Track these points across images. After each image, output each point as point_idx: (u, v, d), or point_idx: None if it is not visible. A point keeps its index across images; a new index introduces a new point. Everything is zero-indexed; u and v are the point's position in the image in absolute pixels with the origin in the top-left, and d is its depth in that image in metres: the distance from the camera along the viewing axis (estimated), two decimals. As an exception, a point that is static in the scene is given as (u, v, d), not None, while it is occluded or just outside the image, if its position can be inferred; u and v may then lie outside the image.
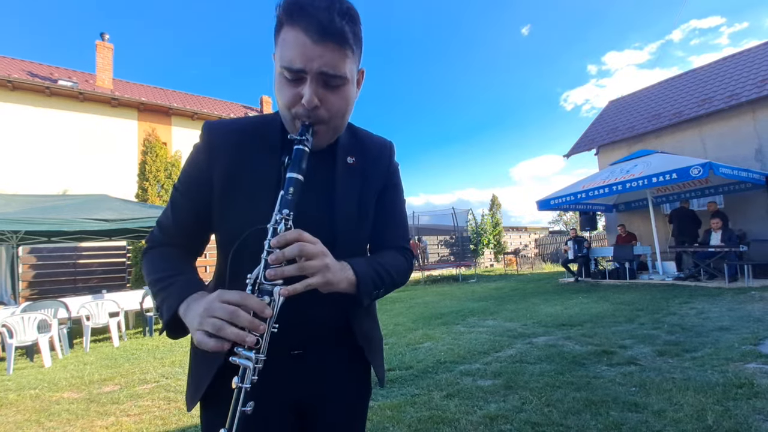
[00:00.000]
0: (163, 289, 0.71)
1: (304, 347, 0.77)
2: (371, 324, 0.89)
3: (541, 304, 6.65)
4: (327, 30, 0.64)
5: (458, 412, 2.54)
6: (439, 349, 4.14)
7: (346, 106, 0.73)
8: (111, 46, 13.88)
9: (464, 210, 14.96)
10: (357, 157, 0.82)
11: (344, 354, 0.83)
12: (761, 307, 4.97)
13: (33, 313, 4.84)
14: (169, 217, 0.80)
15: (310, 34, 0.64)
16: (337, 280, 0.66)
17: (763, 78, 9.10)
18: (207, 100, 16.53)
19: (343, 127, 0.77)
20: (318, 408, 0.81)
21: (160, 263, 0.77)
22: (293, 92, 0.68)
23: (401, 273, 0.83)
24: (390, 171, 0.88)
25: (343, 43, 0.66)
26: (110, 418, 2.89)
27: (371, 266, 0.75)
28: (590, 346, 3.79)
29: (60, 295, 7.39)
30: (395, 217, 0.89)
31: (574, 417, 2.33)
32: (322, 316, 0.77)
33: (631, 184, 7.95)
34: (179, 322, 0.67)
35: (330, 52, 0.65)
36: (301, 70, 0.65)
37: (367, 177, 0.83)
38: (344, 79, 0.69)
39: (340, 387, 0.83)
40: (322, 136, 0.73)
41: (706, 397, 2.43)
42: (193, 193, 0.77)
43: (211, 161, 0.74)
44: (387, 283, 0.77)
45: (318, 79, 0.67)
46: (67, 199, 7.53)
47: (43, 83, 11.23)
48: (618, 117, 12.66)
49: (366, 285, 0.71)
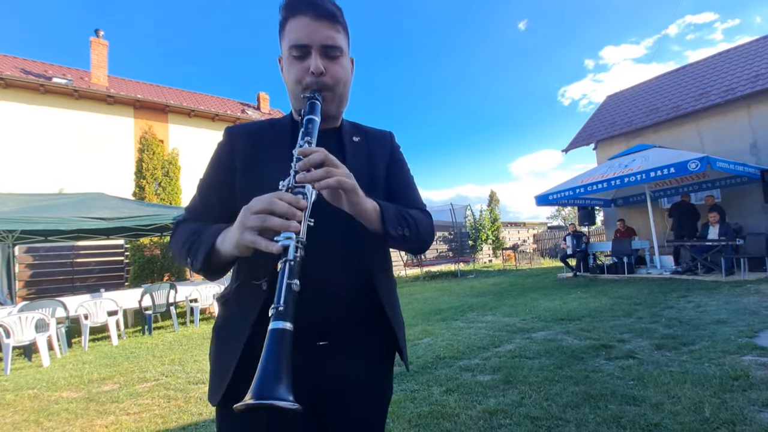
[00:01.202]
0: (197, 238, 0.75)
1: (334, 333, 0.79)
2: (396, 303, 0.90)
3: (539, 299, 6.68)
4: (322, 11, 0.79)
5: (458, 407, 2.55)
6: (439, 344, 4.15)
7: (345, 75, 0.85)
8: (106, 42, 13.76)
9: (463, 206, 14.95)
10: (361, 138, 0.93)
11: (374, 342, 0.85)
12: (757, 300, 5.01)
13: (30, 313, 4.82)
14: (196, 201, 0.88)
15: (310, 15, 0.78)
16: (362, 197, 0.71)
17: (756, 73, 9.12)
18: (204, 97, 16.43)
19: (345, 97, 0.87)
20: (340, 401, 0.81)
21: (188, 228, 0.81)
22: (301, 67, 0.80)
23: (424, 224, 0.87)
24: (393, 148, 0.97)
25: (335, 22, 0.81)
26: (110, 417, 2.89)
27: (394, 206, 0.81)
28: (589, 340, 3.81)
29: (57, 295, 7.38)
30: (407, 186, 0.96)
31: (572, 410, 2.35)
32: (352, 293, 0.80)
33: (629, 179, 7.97)
34: (216, 259, 0.71)
35: (327, 28, 0.80)
36: (307, 45, 0.79)
37: (372, 153, 0.91)
38: (341, 50, 0.82)
39: (364, 379, 0.84)
40: (329, 102, 0.83)
41: (703, 390, 2.45)
42: (218, 179, 0.85)
43: (233, 151, 0.85)
44: (411, 226, 0.81)
45: (321, 51, 0.80)
46: (63, 198, 7.49)
47: (37, 81, 11.12)
48: (616, 112, 12.66)
49: (390, 215, 0.76)
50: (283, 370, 0.51)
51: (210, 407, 2.90)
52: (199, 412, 2.84)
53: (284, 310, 0.55)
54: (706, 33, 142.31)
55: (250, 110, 16.99)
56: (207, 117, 14.48)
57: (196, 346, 5.05)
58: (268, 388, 0.48)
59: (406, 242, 0.80)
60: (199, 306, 6.87)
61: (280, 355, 0.52)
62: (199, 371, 3.85)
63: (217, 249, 0.70)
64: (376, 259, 0.86)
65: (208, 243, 0.71)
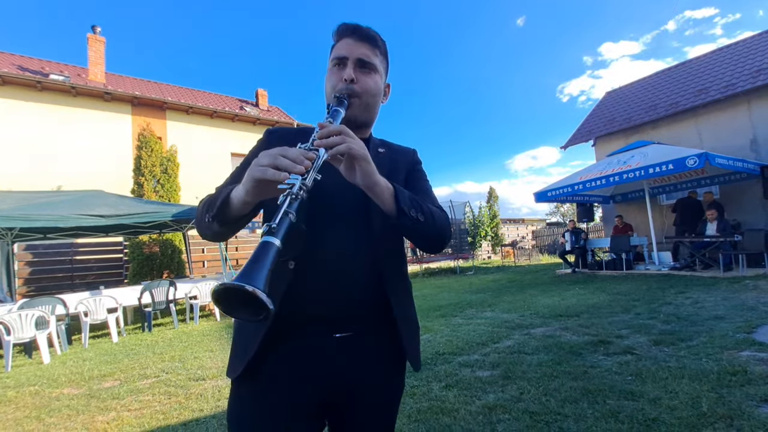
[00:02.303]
0: (215, 197, 0.79)
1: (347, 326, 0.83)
2: (408, 303, 0.94)
3: (538, 295, 6.70)
4: (363, 35, 0.92)
5: (457, 402, 2.57)
6: (438, 340, 4.17)
7: (375, 88, 0.93)
8: (103, 39, 13.66)
9: (462, 202, 14.96)
10: (386, 150, 1.00)
11: (382, 337, 0.87)
12: (755, 296, 5.03)
13: (30, 310, 4.83)
14: (226, 181, 0.90)
15: (353, 38, 0.92)
16: (374, 169, 0.74)
17: (758, 69, 9.09)
18: (202, 94, 16.34)
19: (372, 108, 0.95)
20: (354, 393, 0.84)
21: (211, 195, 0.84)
22: (338, 76, 0.90)
23: (440, 216, 0.88)
24: (415, 161, 1.06)
25: (374, 45, 0.93)
26: (111, 413, 2.90)
27: (408, 192, 0.83)
28: (587, 336, 3.83)
29: (57, 292, 7.37)
30: (425, 194, 0.99)
31: (571, 406, 2.36)
32: (360, 296, 0.83)
33: (627, 175, 7.97)
34: (230, 214, 0.75)
35: (365, 48, 0.92)
36: (345, 56, 0.90)
37: (395, 163, 0.98)
38: (375, 67, 0.93)
39: (377, 373, 0.87)
40: (356, 108, 0.90)
41: (701, 385, 2.47)
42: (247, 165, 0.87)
43: (264, 146, 0.91)
44: (426, 213, 0.82)
45: (356, 63, 0.90)
46: (62, 195, 7.47)
47: (34, 77, 11.04)
48: (615, 108, 12.64)
49: (404, 197, 0.78)
50: (264, 271, 0.54)
51: (210, 403, 2.92)
52: (200, 408, 2.85)
53: (276, 228, 0.59)
54: (705, 28, 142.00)
55: (249, 107, 16.91)
56: (205, 114, 14.41)
57: (196, 343, 5.06)
58: (247, 278, 0.51)
59: (419, 229, 0.81)
60: (198, 303, 6.88)
61: (265, 260, 0.55)
62: (199, 368, 3.87)
63: (231, 198, 0.74)
64: (389, 257, 0.90)
65: (224, 195, 0.75)
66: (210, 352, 4.48)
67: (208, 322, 6.76)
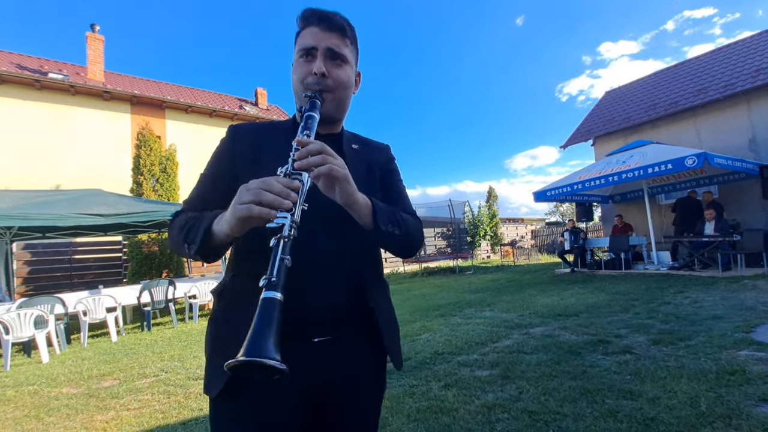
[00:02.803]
0: (194, 224, 0.76)
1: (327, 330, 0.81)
2: (387, 304, 0.93)
3: (537, 294, 6.70)
4: (332, 24, 0.86)
5: (456, 401, 2.57)
6: (437, 340, 4.17)
7: (348, 81, 0.89)
8: (102, 37, 13.62)
9: (461, 202, 14.96)
10: (360, 147, 0.97)
11: (363, 339, 0.86)
12: (753, 296, 5.04)
13: (29, 309, 4.82)
14: (195, 194, 0.89)
15: (320, 26, 0.86)
16: (354, 188, 0.74)
17: (757, 68, 9.10)
18: (201, 93, 16.32)
19: (345, 102, 0.92)
20: (335, 398, 0.83)
21: (186, 217, 0.82)
22: (306, 68, 0.86)
23: (415, 226, 0.91)
24: (389, 158, 1.03)
25: (343, 34, 0.88)
26: (110, 412, 2.90)
27: (386, 205, 0.85)
28: (586, 335, 3.83)
29: (56, 291, 7.36)
30: (399, 195, 1.00)
31: (570, 405, 2.37)
32: (340, 299, 0.82)
33: (626, 175, 7.97)
34: (212, 240, 0.73)
35: (334, 37, 0.86)
36: (313, 47, 0.85)
37: (370, 160, 0.96)
38: (346, 58, 0.88)
39: (358, 376, 0.85)
40: (329, 104, 0.87)
41: (700, 384, 2.47)
42: (219, 173, 0.88)
43: (235, 147, 0.88)
44: (401, 226, 0.84)
45: (326, 54, 0.85)
46: (60, 195, 7.46)
47: (33, 76, 11.01)
48: (614, 108, 12.65)
49: (381, 211, 0.79)
50: (273, 334, 0.53)
51: (210, 403, 2.92)
52: (200, 407, 2.85)
53: (276, 281, 0.58)
54: (704, 28, 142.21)
55: (248, 106, 16.89)
56: (204, 113, 14.40)
57: (196, 343, 5.06)
58: (258, 348, 0.51)
59: (395, 240, 0.83)
60: (197, 302, 6.87)
61: (271, 320, 0.55)
62: (198, 367, 3.86)
63: (213, 231, 0.72)
64: (367, 262, 0.90)
65: (205, 225, 0.73)
66: (209, 352, 4.47)
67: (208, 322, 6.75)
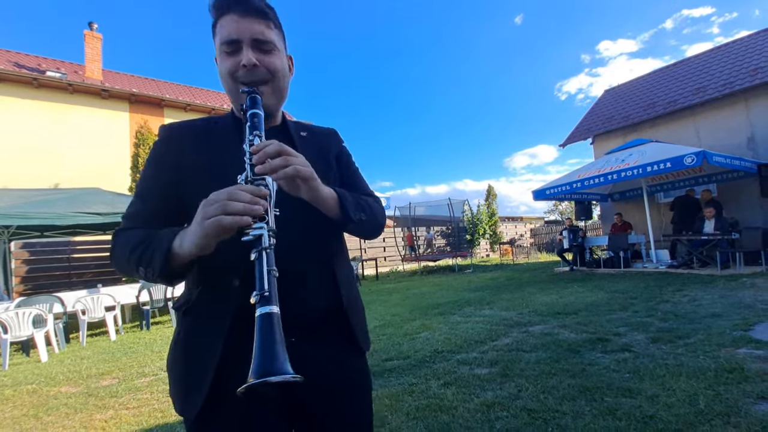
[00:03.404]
0: (147, 245, 0.69)
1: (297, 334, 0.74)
2: (354, 291, 0.91)
3: (536, 293, 6.71)
4: (250, 8, 0.79)
5: (455, 400, 2.57)
6: (436, 338, 4.17)
7: (282, 67, 0.84)
8: (100, 36, 13.57)
9: (460, 200, 14.95)
10: (308, 133, 0.94)
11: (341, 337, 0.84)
12: (752, 294, 5.05)
13: (28, 308, 4.81)
14: (138, 207, 0.81)
15: (238, 13, 0.78)
16: (320, 184, 0.72)
17: (756, 67, 9.11)
18: (200, 91, 16.27)
19: (283, 90, 0.86)
20: (317, 401, 0.80)
21: (133, 237, 0.74)
22: (233, 60, 0.79)
23: (378, 208, 0.90)
24: (339, 140, 1.00)
25: (265, 18, 0.80)
26: (109, 411, 2.89)
27: (350, 193, 0.83)
28: (585, 334, 3.84)
29: (54, 290, 7.34)
30: (356, 176, 0.99)
31: (569, 403, 2.37)
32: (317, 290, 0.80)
33: (626, 173, 7.98)
34: (175, 262, 0.66)
35: (256, 24, 0.79)
36: (236, 39, 0.78)
37: (320, 145, 0.93)
38: (273, 44, 0.82)
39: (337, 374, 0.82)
40: (269, 97, 0.82)
41: (698, 382, 2.48)
42: (162, 180, 0.81)
43: (175, 150, 0.81)
44: (367, 211, 0.84)
45: (252, 45, 0.79)
46: (58, 193, 7.43)
47: (31, 74, 10.96)
48: (613, 106, 12.65)
49: (347, 200, 0.79)
50: (281, 349, 0.52)
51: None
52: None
53: (269, 295, 0.56)
54: (702, 27, 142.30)
55: (247, 104, 16.85)
56: (203, 111, 14.35)
57: (195, 341, 5.05)
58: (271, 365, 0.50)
59: (363, 226, 0.83)
60: (197, 301, 6.86)
61: (276, 336, 0.53)
62: (197, 366, 3.86)
63: (174, 252, 0.65)
64: (338, 253, 0.89)
65: (164, 247, 0.65)
66: (208, 350, 4.47)
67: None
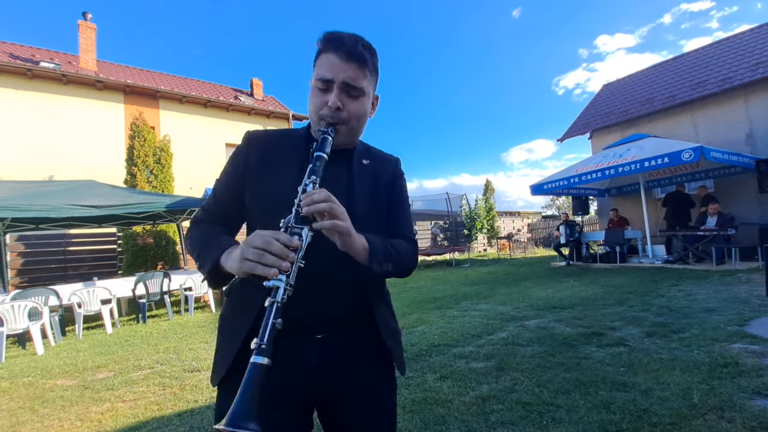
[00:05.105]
0: (206, 249, 0.83)
1: (326, 331, 0.85)
2: (388, 312, 0.97)
3: (533, 287, 6.74)
4: (352, 54, 0.85)
5: (451, 393, 2.58)
6: (433, 332, 4.19)
7: (363, 112, 0.91)
8: (94, 26, 13.37)
9: (458, 195, 14.96)
10: (370, 161, 0.99)
11: (365, 340, 0.90)
12: (747, 289, 5.09)
13: (23, 301, 4.79)
14: (212, 202, 0.96)
15: (339, 55, 0.85)
16: (355, 237, 0.78)
17: (756, 62, 9.08)
18: (196, 83, 16.11)
19: (359, 131, 0.93)
20: (342, 400, 0.87)
21: (204, 232, 0.90)
22: (322, 99, 0.86)
23: (408, 255, 0.95)
24: (396, 174, 1.04)
25: (363, 65, 0.87)
26: (105, 404, 2.89)
27: (382, 241, 0.88)
28: (580, 328, 3.86)
29: (50, 283, 7.31)
30: (400, 211, 1.03)
31: (564, 396, 2.39)
32: (343, 300, 0.87)
33: (623, 169, 7.99)
34: (219, 273, 0.80)
35: (352, 69, 0.85)
36: (330, 79, 0.85)
37: (377, 175, 0.98)
38: (362, 91, 0.88)
39: (364, 377, 0.89)
40: (343, 135, 0.89)
41: (692, 376, 2.50)
42: (233, 180, 0.93)
43: (248, 154, 0.92)
44: (395, 260, 0.88)
45: (342, 88, 0.85)
46: (53, 185, 7.37)
47: (25, 65, 10.81)
48: (612, 101, 12.62)
49: (376, 253, 0.83)
50: (254, 403, 0.59)
51: (205, 394, 2.92)
52: (195, 399, 2.85)
53: (266, 348, 0.62)
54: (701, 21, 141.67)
55: (243, 96, 16.70)
56: (199, 103, 14.22)
57: (191, 335, 5.06)
58: (239, 417, 0.56)
59: (389, 275, 0.89)
60: (193, 294, 6.86)
61: (255, 388, 0.60)
62: (194, 359, 3.86)
63: (221, 264, 0.78)
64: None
65: (214, 258, 0.79)
66: (205, 344, 4.47)
67: (203, 314, 6.75)
